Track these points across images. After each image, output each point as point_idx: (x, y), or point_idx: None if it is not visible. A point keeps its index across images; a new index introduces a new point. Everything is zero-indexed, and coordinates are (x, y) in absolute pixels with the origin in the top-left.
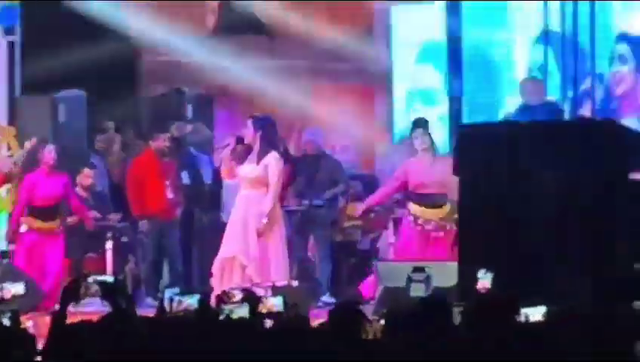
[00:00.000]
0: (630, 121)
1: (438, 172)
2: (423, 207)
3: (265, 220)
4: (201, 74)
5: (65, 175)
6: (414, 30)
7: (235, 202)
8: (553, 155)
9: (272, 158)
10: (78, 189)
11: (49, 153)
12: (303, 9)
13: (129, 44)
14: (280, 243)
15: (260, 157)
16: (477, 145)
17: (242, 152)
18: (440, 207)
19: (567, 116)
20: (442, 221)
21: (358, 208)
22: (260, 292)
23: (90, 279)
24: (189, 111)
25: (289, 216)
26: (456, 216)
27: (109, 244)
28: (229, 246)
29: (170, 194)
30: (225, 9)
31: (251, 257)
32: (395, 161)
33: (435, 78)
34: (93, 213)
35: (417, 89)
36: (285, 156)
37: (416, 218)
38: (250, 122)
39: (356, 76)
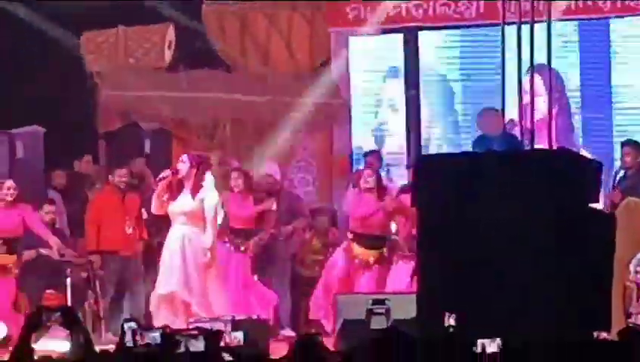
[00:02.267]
0: None
1: (379, 212)
2: (362, 247)
3: (208, 255)
4: (158, 108)
5: (25, 206)
6: (373, 59)
7: (169, 237)
8: (511, 186)
9: (208, 193)
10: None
11: (7, 189)
12: (260, 41)
13: (87, 78)
14: (219, 278)
15: (194, 192)
16: (435, 177)
17: (175, 187)
18: (378, 248)
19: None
20: (376, 260)
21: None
22: (219, 326)
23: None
24: (147, 145)
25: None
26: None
27: (68, 280)
28: (168, 282)
29: (129, 230)
30: (181, 43)
31: (194, 293)
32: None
33: (394, 107)
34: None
35: (377, 119)
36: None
37: (351, 254)
38: (186, 157)
39: (315, 109)
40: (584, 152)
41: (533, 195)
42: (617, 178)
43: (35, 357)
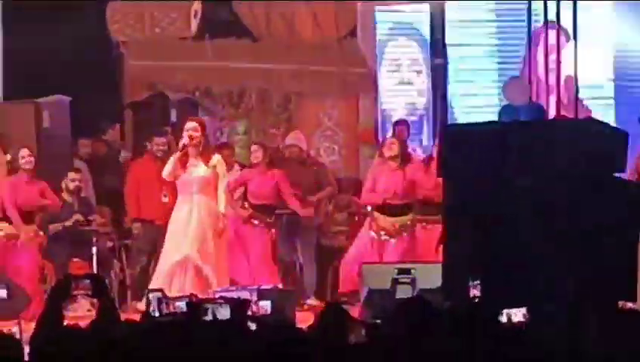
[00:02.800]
0: None
1: (403, 180)
2: (387, 216)
3: (226, 221)
4: (184, 78)
5: (43, 182)
6: (400, 30)
7: (181, 204)
8: (537, 155)
9: (219, 159)
10: (64, 194)
11: (28, 157)
12: (286, 11)
13: (113, 48)
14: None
15: (207, 159)
16: (461, 146)
17: (189, 154)
18: (403, 216)
19: (550, 116)
20: (399, 229)
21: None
22: (245, 295)
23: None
24: (173, 115)
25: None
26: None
27: (93, 249)
28: (182, 248)
29: (164, 198)
30: (207, 12)
31: (209, 259)
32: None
33: (419, 78)
34: (78, 218)
35: (403, 89)
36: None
37: (377, 224)
38: (198, 125)
39: (340, 78)
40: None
41: (559, 164)
42: None
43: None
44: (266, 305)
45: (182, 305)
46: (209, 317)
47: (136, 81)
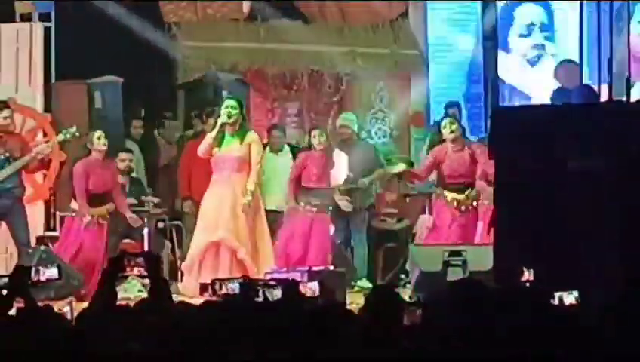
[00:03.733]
0: None
1: (464, 161)
2: (453, 193)
3: (249, 198)
4: (236, 59)
5: (112, 162)
6: (451, 11)
7: (214, 185)
8: (588, 139)
9: (254, 138)
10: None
11: (98, 140)
12: None
13: (164, 29)
14: (264, 225)
15: (242, 137)
16: (512, 128)
17: (225, 132)
18: (464, 191)
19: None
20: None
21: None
22: (295, 276)
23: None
24: (225, 96)
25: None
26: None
27: (145, 230)
28: (216, 229)
29: None
30: None
31: (242, 241)
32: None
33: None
34: (129, 200)
35: (453, 71)
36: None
37: (443, 202)
38: (235, 103)
39: (392, 60)
40: None
41: (611, 148)
42: None
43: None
44: (314, 286)
45: (235, 287)
46: (260, 298)
47: (189, 62)
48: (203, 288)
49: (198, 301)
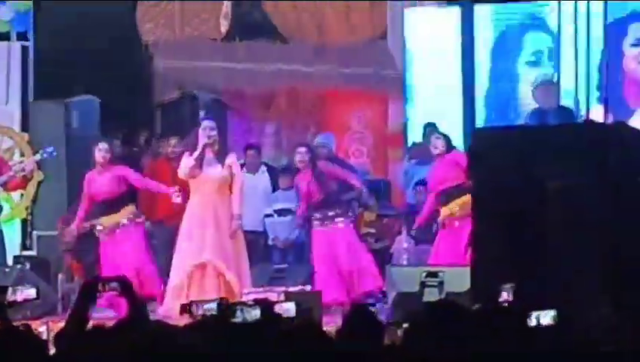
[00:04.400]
0: None
1: (455, 172)
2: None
3: (239, 222)
4: (214, 79)
5: (119, 167)
6: (428, 33)
7: (195, 205)
8: (566, 158)
9: (233, 160)
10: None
11: (99, 152)
12: (316, 12)
13: (143, 48)
14: (243, 245)
15: (222, 160)
16: (490, 149)
17: (206, 154)
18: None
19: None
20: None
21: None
22: (272, 296)
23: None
24: (202, 116)
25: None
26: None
27: None
28: (200, 251)
29: (176, 200)
30: (237, 13)
31: (229, 262)
32: (407, 167)
33: (449, 79)
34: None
35: (432, 92)
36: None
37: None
38: (212, 123)
39: (370, 81)
40: None
41: (588, 168)
42: None
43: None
44: (290, 307)
45: (213, 307)
46: (239, 319)
47: (166, 81)
48: (182, 309)
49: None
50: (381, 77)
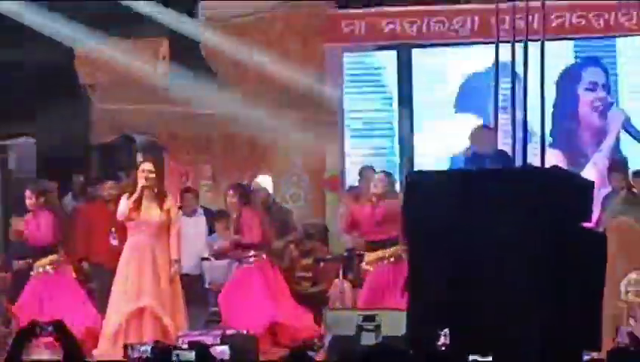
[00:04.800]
0: None
1: (386, 216)
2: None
3: (176, 267)
4: (151, 122)
5: (45, 213)
6: (367, 76)
7: (133, 248)
8: (503, 203)
9: (172, 203)
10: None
11: (27, 198)
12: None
13: (80, 90)
14: (180, 289)
15: (161, 203)
16: (426, 192)
17: (144, 197)
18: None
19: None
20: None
21: None
22: (208, 339)
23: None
24: (140, 158)
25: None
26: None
27: None
28: (139, 296)
29: (114, 241)
30: (175, 57)
31: (166, 307)
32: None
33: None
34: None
35: (368, 134)
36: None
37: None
38: (153, 167)
39: (307, 124)
40: None
41: (525, 213)
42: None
43: None
44: (225, 350)
45: (147, 349)
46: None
47: (103, 123)
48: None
49: None
50: (318, 121)
